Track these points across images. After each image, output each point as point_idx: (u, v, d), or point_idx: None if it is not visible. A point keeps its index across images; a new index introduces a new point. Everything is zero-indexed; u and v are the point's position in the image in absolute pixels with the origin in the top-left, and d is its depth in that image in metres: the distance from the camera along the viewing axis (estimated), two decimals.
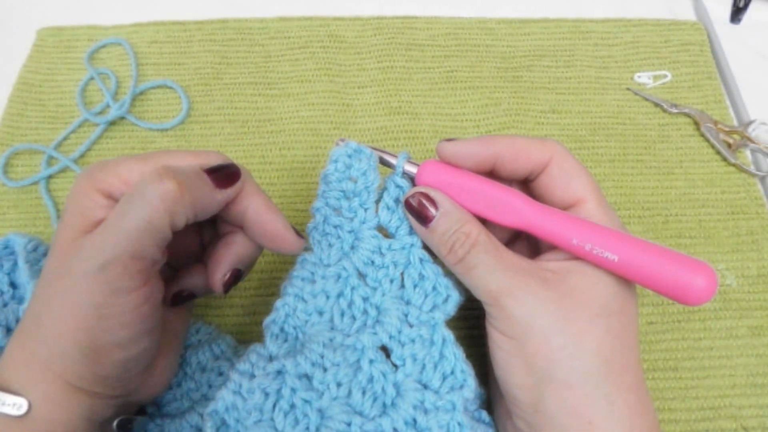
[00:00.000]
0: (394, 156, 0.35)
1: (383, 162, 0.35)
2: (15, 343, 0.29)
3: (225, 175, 0.31)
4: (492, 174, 0.34)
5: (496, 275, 0.30)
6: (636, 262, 0.29)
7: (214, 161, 0.32)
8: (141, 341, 0.30)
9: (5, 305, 0.38)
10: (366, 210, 0.35)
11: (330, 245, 0.35)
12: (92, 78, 0.54)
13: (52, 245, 0.30)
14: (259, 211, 0.32)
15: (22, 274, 0.38)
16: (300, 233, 0.34)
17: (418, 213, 0.33)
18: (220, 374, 0.37)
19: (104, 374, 0.29)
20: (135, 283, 0.29)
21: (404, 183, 0.35)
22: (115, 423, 0.32)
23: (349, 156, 0.34)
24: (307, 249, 0.35)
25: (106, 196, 0.30)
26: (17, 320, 0.36)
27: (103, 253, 0.28)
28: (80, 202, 0.30)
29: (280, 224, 0.33)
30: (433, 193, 0.33)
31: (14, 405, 0.27)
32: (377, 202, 0.35)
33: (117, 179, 0.30)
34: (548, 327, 0.29)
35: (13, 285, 0.39)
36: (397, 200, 0.35)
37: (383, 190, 0.35)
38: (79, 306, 0.28)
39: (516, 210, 0.32)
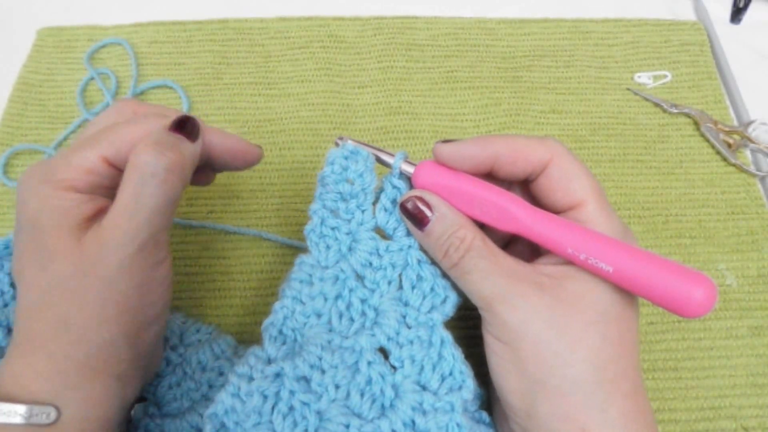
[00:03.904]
0: (391, 155, 0.35)
1: (380, 161, 0.35)
2: (38, 356, 0.29)
3: (190, 127, 0.32)
4: (490, 175, 0.33)
5: (489, 281, 0.30)
6: (632, 273, 0.28)
7: (166, 120, 0.33)
8: (166, 310, 0.32)
9: (5, 305, 0.38)
10: (363, 212, 0.34)
11: (327, 247, 0.34)
12: (92, 78, 0.54)
13: (35, 256, 0.30)
14: (222, 139, 0.34)
15: None
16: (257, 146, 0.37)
17: (414, 216, 0.32)
18: (221, 374, 0.37)
19: (142, 352, 0.31)
20: (164, 252, 0.31)
21: (401, 184, 0.34)
22: None
23: (346, 158, 0.34)
24: (305, 251, 0.35)
25: (75, 191, 0.31)
26: None
27: (139, 235, 0.29)
28: (53, 205, 0.30)
29: (243, 142, 0.36)
30: (428, 197, 0.32)
31: (44, 414, 0.27)
32: (374, 203, 0.35)
33: (75, 172, 0.31)
34: (541, 334, 0.29)
35: (13, 285, 0.39)
36: (394, 201, 0.34)
37: (380, 191, 0.35)
38: (121, 292, 0.29)
39: (511, 216, 0.31)
